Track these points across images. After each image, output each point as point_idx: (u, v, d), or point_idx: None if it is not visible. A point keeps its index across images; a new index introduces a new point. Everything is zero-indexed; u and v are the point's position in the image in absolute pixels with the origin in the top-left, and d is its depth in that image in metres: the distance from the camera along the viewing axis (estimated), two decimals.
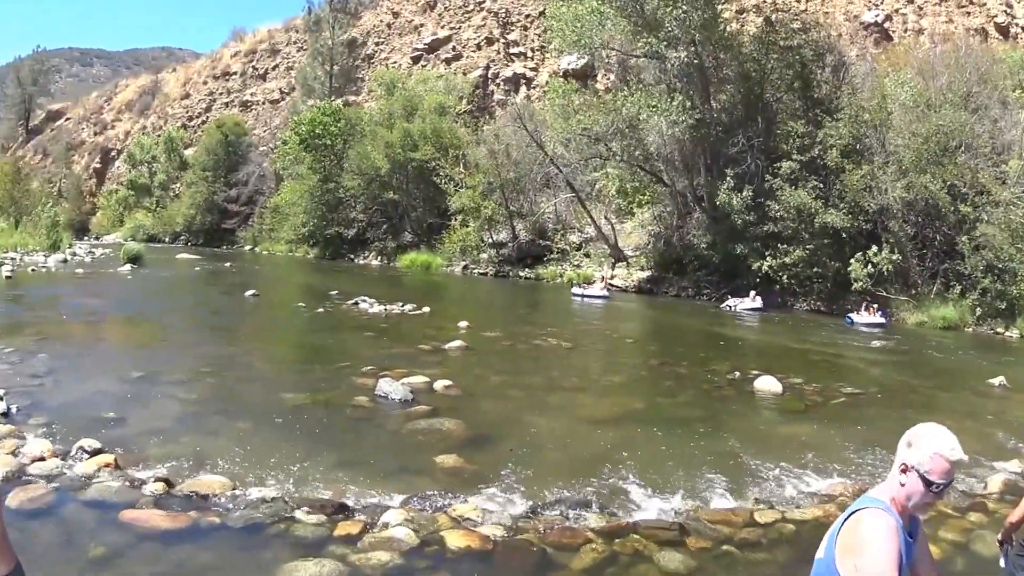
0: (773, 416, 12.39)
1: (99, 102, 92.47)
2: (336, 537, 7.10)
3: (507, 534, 7.18)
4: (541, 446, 10.14)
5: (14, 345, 16.96)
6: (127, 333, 20.67)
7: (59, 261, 42.91)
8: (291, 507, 7.70)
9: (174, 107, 79.03)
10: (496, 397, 13.05)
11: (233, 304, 26.31)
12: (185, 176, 66.38)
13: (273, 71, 72.51)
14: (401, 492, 8.09)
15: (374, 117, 47.25)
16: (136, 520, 7.40)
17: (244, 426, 10.99)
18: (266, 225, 55.10)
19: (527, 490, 8.21)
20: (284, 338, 20.88)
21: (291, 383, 14.47)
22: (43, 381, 13.74)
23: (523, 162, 35.79)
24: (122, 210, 73.26)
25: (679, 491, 8.24)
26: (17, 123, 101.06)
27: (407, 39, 60.25)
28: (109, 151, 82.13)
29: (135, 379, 14.03)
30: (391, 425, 11.23)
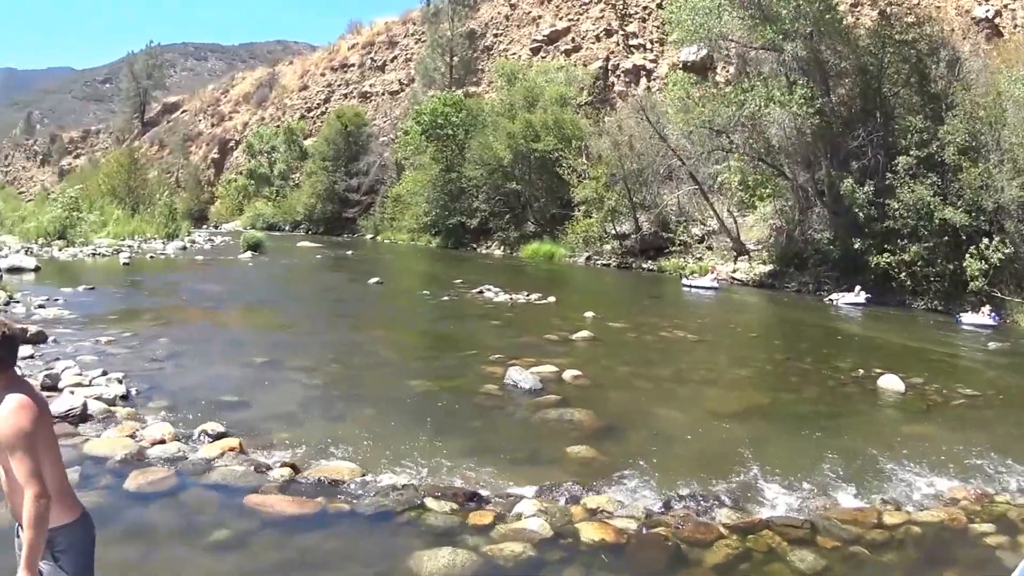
0: (896, 415, 12.47)
1: (216, 94, 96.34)
2: (469, 526, 7.33)
3: (640, 527, 7.35)
4: (670, 438, 10.42)
5: (133, 329, 17.99)
6: (249, 319, 21.62)
7: (178, 248, 45.16)
8: (422, 495, 7.97)
9: (292, 98, 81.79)
10: (624, 388, 13.33)
11: (357, 291, 27.08)
12: (305, 166, 68.68)
13: (392, 63, 74.35)
14: (533, 482, 8.38)
15: (495, 108, 48.17)
16: (262, 505, 7.74)
17: (371, 412, 11.48)
18: (387, 214, 56.35)
19: (658, 483, 8.44)
20: (410, 325, 21.38)
21: (418, 370, 15.05)
22: (163, 365, 14.50)
23: (646, 154, 36.27)
24: (241, 199, 76.05)
25: (808, 488, 8.49)
26: (132, 115, 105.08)
27: (526, 30, 61.57)
28: (227, 142, 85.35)
29: (259, 364, 14.78)
30: (521, 414, 11.60)
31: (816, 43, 27.89)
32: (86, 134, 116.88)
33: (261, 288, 28.38)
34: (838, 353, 17.55)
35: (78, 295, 24.52)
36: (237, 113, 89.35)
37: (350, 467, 8.68)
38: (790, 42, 27.21)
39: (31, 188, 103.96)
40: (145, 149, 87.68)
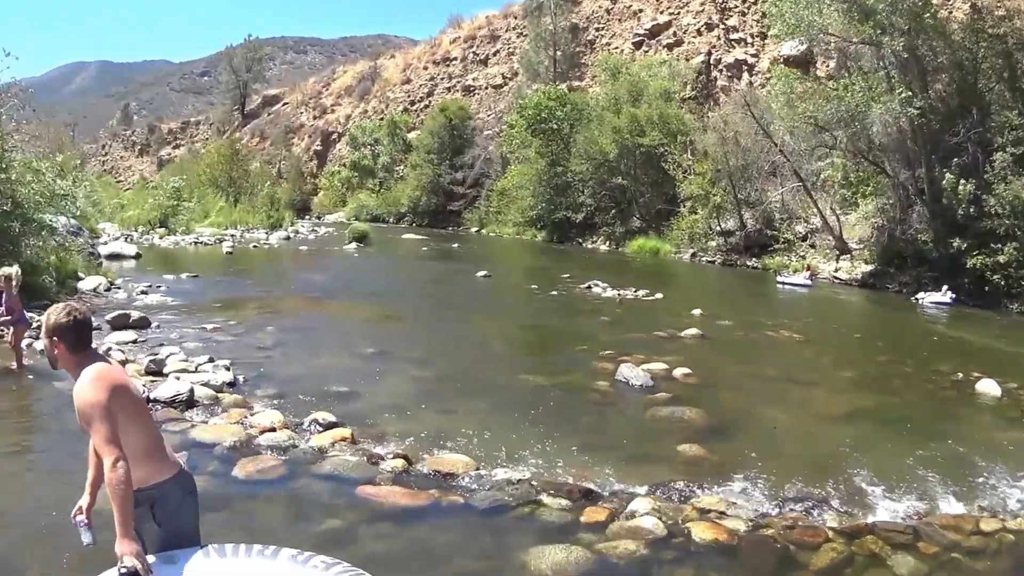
0: (993, 421, 12.40)
1: (317, 87, 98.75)
2: (583, 523, 7.47)
3: (750, 528, 7.50)
4: (777, 439, 10.58)
5: (239, 318, 18.69)
6: (357, 310, 21.88)
7: (281, 238, 46.92)
8: (537, 490, 8.15)
9: (395, 92, 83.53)
10: (732, 387, 13.52)
11: (465, 284, 27.61)
12: (409, 158, 69.65)
13: (494, 56, 75.82)
14: (645, 480, 8.53)
15: (600, 102, 48.75)
16: (374, 496, 7.97)
17: (483, 406, 11.72)
18: (493, 207, 57.17)
19: (767, 484, 8.59)
20: (519, 319, 21.59)
21: (530, 364, 15.22)
22: (270, 353, 15.01)
23: (751, 150, 36.58)
24: (344, 190, 77.79)
25: (909, 493, 8.55)
26: (232, 107, 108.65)
27: (627, 24, 62.33)
28: (330, 134, 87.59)
29: (368, 355, 15.15)
30: (632, 411, 11.80)
31: (913, 38, 27.80)
32: (185, 125, 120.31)
33: (368, 279, 29.10)
34: (936, 356, 17.48)
35: (181, 282, 25.67)
36: (339, 106, 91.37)
37: (464, 460, 8.94)
38: (887, 37, 27.20)
39: (129, 177, 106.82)
40: (246, 140, 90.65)
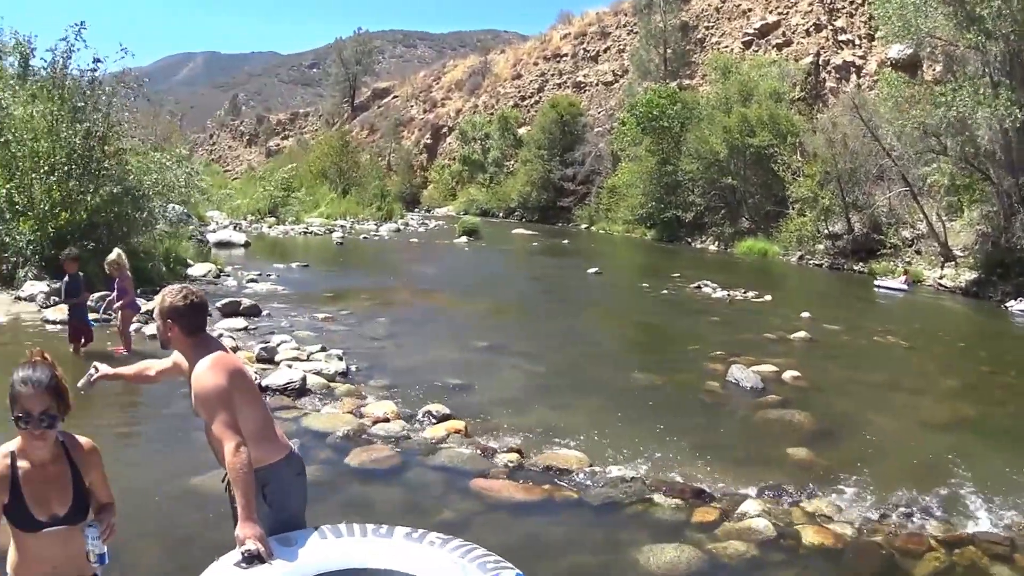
0: None
1: (427, 81, 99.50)
2: (694, 523, 7.67)
3: (856, 534, 7.64)
4: (883, 446, 10.64)
5: (350, 308, 19.28)
6: (469, 303, 22.30)
7: (392, 230, 47.85)
8: (649, 489, 8.33)
9: (505, 87, 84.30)
10: (840, 392, 13.67)
11: (576, 281, 27.94)
12: (520, 153, 69.86)
13: (604, 53, 75.89)
14: (755, 482, 8.72)
15: (711, 101, 48.84)
16: (488, 489, 8.20)
17: (596, 403, 11.98)
18: (603, 205, 57.19)
19: (873, 490, 8.68)
20: (631, 317, 22.02)
21: (642, 362, 15.67)
22: (383, 344, 15.57)
23: (859, 153, 36.47)
24: (454, 184, 78.84)
25: (1011, 504, 8.54)
26: (342, 100, 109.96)
27: (736, 23, 62.47)
28: (440, 128, 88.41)
29: (480, 348, 15.68)
30: (742, 412, 12.08)
31: (1018, 43, 27.45)
32: (294, 116, 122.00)
33: (479, 273, 29.69)
34: None
35: (291, 271, 26.43)
36: (449, 100, 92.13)
37: (577, 456, 9.13)
38: (992, 42, 27.05)
39: (237, 167, 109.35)
40: (356, 132, 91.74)
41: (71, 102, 20.45)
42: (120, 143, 21.68)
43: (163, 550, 6.85)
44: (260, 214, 52.09)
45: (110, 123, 21.17)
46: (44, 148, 19.93)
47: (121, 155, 21.50)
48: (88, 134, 20.26)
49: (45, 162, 19.84)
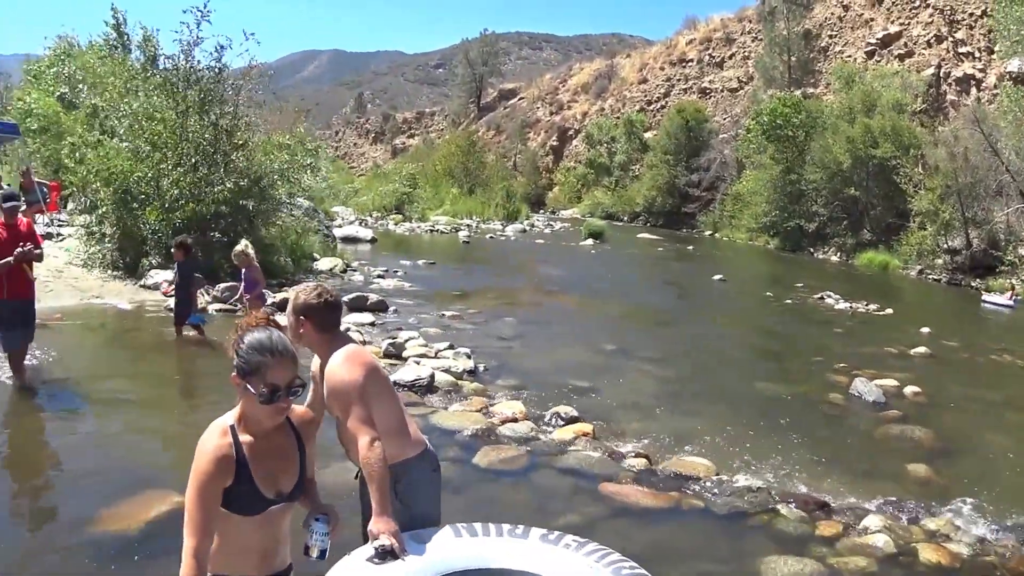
0: None
1: (554, 83, 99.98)
2: (816, 536, 7.62)
3: (972, 554, 7.52)
4: (1000, 466, 10.44)
5: (477, 307, 19.37)
6: (595, 305, 22.26)
7: (517, 231, 47.83)
8: (774, 500, 8.27)
9: (631, 91, 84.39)
10: (958, 409, 13.36)
11: (701, 287, 28.03)
12: (646, 158, 69.84)
13: (729, 60, 76.06)
14: (876, 496, 8.61)
15: (834, 111, 48.38)
16: (616, 494, 8.16)
17: (721, 410, 11.93)
18: (727, 212, 56.80)
19: (989, 510, 8.48)
20: (756, 325, 21.84)
21: (765, 371, 15.68)
22: (510, 344, 15.59)
23: (979, 167, 35.77)
24: (579, 187, 78.65)
25: None
26: (468, 100, 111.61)
27: (859, 33, 62.19)
28: (566, 130, 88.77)
29: (607, 351, 15.61)
30: (864, 426, 11.94)
31: None
32: (420, 115, 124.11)
33: (605, 276, 29.48)
34: None
35: (418, 269, 26.56)
36: (576, 103, 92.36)
37: (704, 464, 9.10)
38: None
39: (362, 164, 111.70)
40: (482, 133, 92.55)
41: (197, 94, 21.07)
42: (247, 135, 22.14)
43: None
44: (386, 210, 52.86)
45: (237, 115, 21.88)
46: (171, 140, 20.53)
47: (248, 147, 21.95)
48: (215, 126, 21.03)
49: (173, 153, 20.45)
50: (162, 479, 7.81)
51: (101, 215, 20.67)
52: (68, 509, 7.48)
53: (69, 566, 6.31)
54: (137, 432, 9.61)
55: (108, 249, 20.48)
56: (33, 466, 8.75)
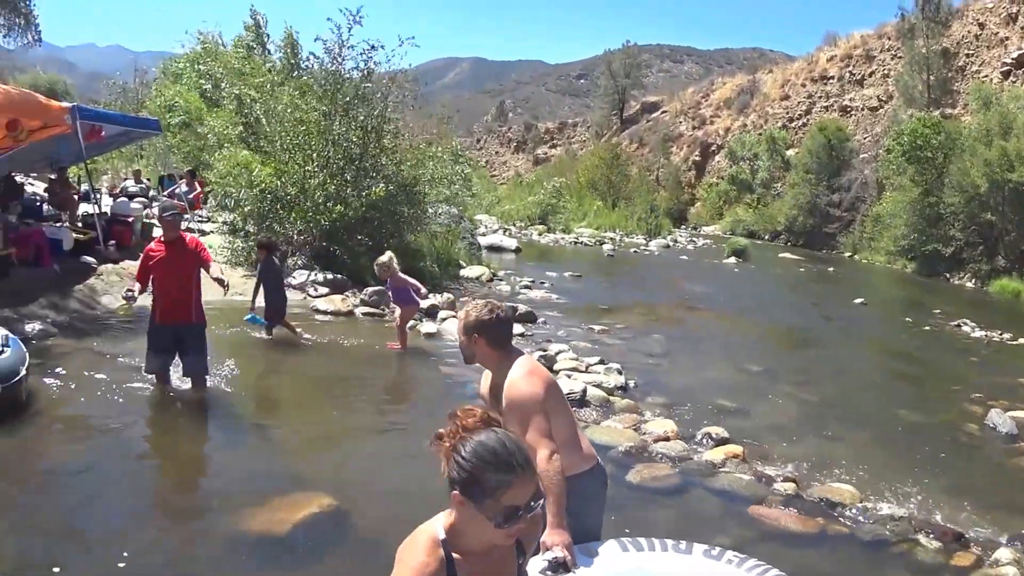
0: None
1: (696, 97, 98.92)
2: (951, 566, 7.66)
3: None
4: None
5: (625, 321, 19.49)
6: (739, 324, 22.18)
7: (661, 246, 47.93)
8: (914, 529, 8.27)
9: (773, 107, 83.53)
10: None
11: (842, 309, 27.56)
12: (788, 176, 68.87)
13: (870, 77, 74.82)
14: (1008, 530, 8.50)
15: (971, 132, 47.42)
16: (765, 517, 8.28)
17: (863, 436, 11.93)
18: (866, 234, 55.88)
19: None
20: (895, 350, 21.28)
21: (903, 398, 15.35)
22: (658, 361, 15.65)
23: None
24: (721, 203, 77.40)
25: None
26: (611, 112, 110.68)
27: (994, 52, 61.15)
28: (708, 145, 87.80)
29: (752, 371, 15.64)
30: (998, 458, 11.77)
31: None
32: (562, 126, 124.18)
33: (749, 294, 29.66)
34: None
35: (564, 280, 26.85)
36: (718, 117, 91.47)
37: (850, 490, 9.05)
38: None
39: (503, 172, 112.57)
40: (624, 146, 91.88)
41: (344, 96, 21.24)
42: (394, 140, 22.34)
43: None
44: (530, 220, 53.68)
45: (384, 119, 21.76)
46: (317, 142, 20.81)
47: (395, 152, 22.11)
48: (362, 129, 21.00)
49: (319, 156, 20.79)
50: (310, 481, 8.31)
51: (245, 213, 21.14)
52: (216, 509, 7.85)
53: (218, 564, 6.72)
54: (284, 432, 10.08)
55: (251, 248, 20.32)
56: (180, 465, 9.22)
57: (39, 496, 7.65)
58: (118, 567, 6.25)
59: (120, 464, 8.77)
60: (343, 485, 8.28)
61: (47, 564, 6.20)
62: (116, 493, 7.93)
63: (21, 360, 9.36)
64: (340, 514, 7.59)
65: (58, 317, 14.41)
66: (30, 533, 6.87)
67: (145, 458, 9.36)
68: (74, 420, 9.83)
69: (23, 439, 8.99)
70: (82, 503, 7.47)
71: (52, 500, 7.52)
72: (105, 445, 9.25)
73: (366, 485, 8.57)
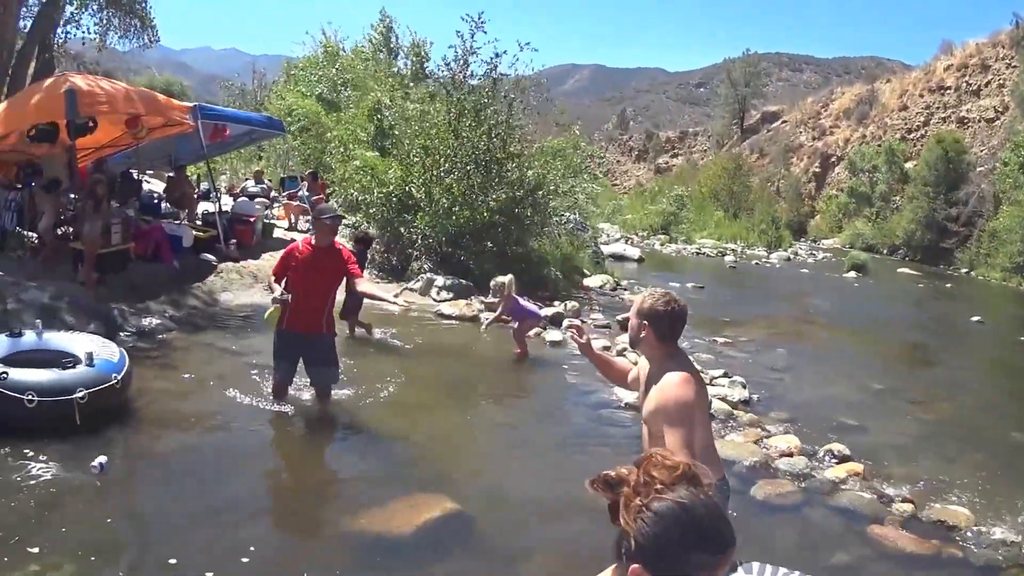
0: None
1: (815, 107, 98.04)
2: None
3: None
4: None
5: (748, 334, 19.41)
6: (859, 340, 22.00)
7: (782, 258, 47.66)
8: None
9: (892, 118, 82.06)
10: None
11: (959, 327, 27.47)
12: (907, 189, 67.66)
13: (985, 87, 73.34)
14: None
15: None
16: (883, 537, 8.28)
17: (979, 457, 11.67)
18: (983, 249, 54.91)
19: None
20: (1012, 370, 20.91)
21: (1018, 420, 14.85)
22: (781, 376, 15.52)
23: None
24: (840, 216, 76.60)
25: None
26: (731, 121, 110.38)
27: None
28: (828, 156, 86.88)
29: (872, 389, 15.42)
30: None
31: None
32: (683, 135, 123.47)
33: (868, 310, 29.30)
34: None
35: (687, 292, 26.31)
36: (837, 128, 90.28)
37: (965, 513, 8.92)
38: None
39: (624, 181, 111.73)
40: (745, 156, 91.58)
41: (471, 102, 21.46)
42: (520, 146, 22.30)
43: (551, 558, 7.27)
44: (652, 230, 54.20)
45: (510, 125, 21.87)
46: (443, 147, 20.93)
47: (521, 158, 21.95)
48: (489, 134, 21.07)
49: (446, 160, 20.84)
50: (431, 484, 8.46)
51: (369, 215, 21.46)
52: (335, 508, 8.11)
53: (341, 563, 6.88)
54: (405, 435, 10.13)
55: (375, 251, 20.66)
56: (296, 464, 9.41)
57: (156, 490, 8.01)
58: (242, 562, 6.50)
59: (235, 460, 9.00)
60: (465, 490, 8.47)
61: (164, 557, 6.41)
62: (233, 489, 8.18)
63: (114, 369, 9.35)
64: (462, 519, 7.75)
65: (176, 312, 14.81)
66: (145, 527, 7.19)
67: (261, 455, 9.56)
68: (188, 416, 10.04)
69: (137, 434, 9.26)
70: (197, 499, 7.74)
71: (168, 495, 7.81)
72: (219, 441, 9.49)
73: (488, 491, 8.71)
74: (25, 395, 8.45)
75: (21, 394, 8.45)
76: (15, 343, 9.64)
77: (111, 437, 8.86)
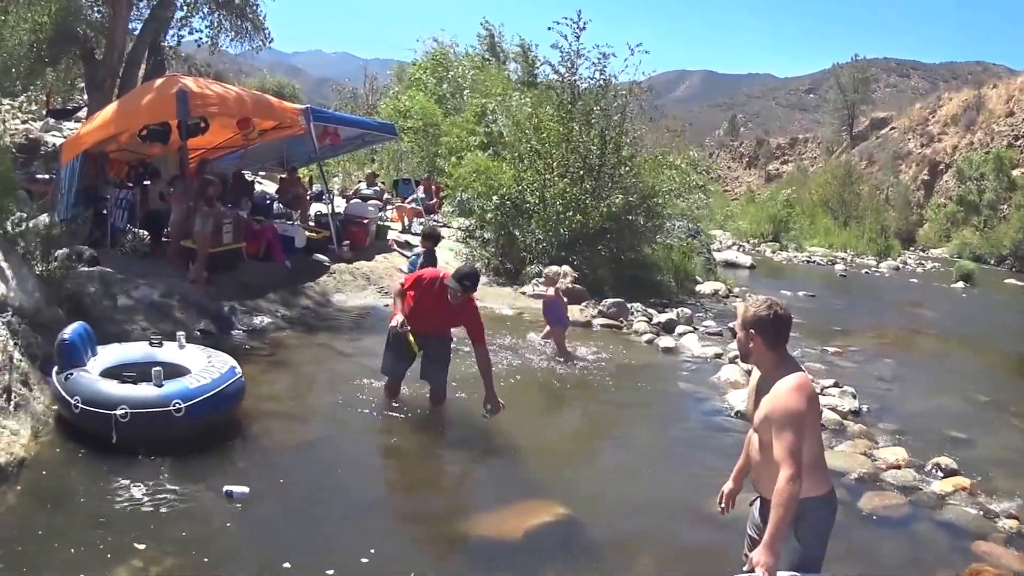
0: None
1: (923, 113, 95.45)
2: None
3: None
4: None
5: (858, 344, 18.90)
6: (967, 351, 21.55)
7: (891, 268, 46.72)
8: None
9: (999, 124, 79.65)
10: None
11: None
12: (1014, 198, 66.26)
13: None
14: None
15: None
16: (987, 554, 8.04)
17: None
18: None
19: None
20: None
21: None
22: (889, 386, 15.13)
23: None
24: (948, 225, 74.39)
25: None
26: (840, 128, 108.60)
27: None
28: (937, 164, 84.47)
29: (980, 402, 14.88)
30: None
31: None
32: (793, 141, 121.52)
33: (975, 320, 28.66)
34: None
35: (798, 300, 26.05)
36: (945, 135, 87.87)
37: None
38: None
39: (735, 188, 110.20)
40: (854, 163, 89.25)
41: (583, 106, 21.42)
42: (633, 150, 21.91)
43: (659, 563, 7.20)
44: (763, 237, 53.71)
45: (623, 130, 21.55)
46: (557, 152, 20.75)
47: (635, 162, 21.59)
48: (602, 139, 20.83)
49: (559, 165, 20.65)
50: (541, 489, 8.39)
51: (484, 219, 21.37)
52: (444, 510, 8.01)
53: (454, 566, 6.90)
54: (515, 439, 9.86)
55: (490, 254, 20.77)
56: (406, 467, 9.27)
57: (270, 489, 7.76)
58: (361, 563, 6.48)
59: (347, 461, 8.91)
60: (575, 495, 8.30)
61: (279, 561, 6.34)
62: (346, 490, 8.02)
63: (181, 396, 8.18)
64: (572, 524, 7.61)
65: (288, 312, 14.66)
66: (261, 529, 7.08)
67: (373, 456, 9.54)
68: (300, 415, 10.05)
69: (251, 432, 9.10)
70: (311, 499, 7.62)
71: (281, 495, 7.67)
72: (331, 441, 9.41)
73: (598, 497, 8.54)
74: (72, 398, 8.04)
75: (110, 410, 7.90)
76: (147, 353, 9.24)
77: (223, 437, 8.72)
